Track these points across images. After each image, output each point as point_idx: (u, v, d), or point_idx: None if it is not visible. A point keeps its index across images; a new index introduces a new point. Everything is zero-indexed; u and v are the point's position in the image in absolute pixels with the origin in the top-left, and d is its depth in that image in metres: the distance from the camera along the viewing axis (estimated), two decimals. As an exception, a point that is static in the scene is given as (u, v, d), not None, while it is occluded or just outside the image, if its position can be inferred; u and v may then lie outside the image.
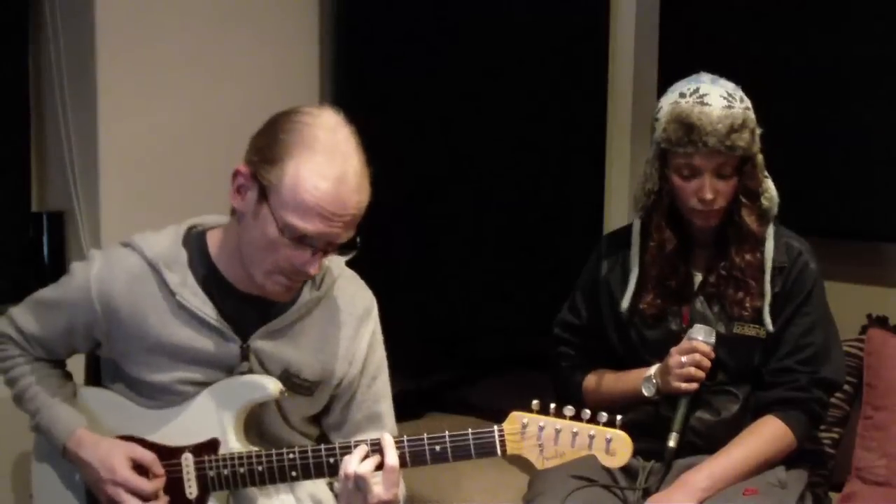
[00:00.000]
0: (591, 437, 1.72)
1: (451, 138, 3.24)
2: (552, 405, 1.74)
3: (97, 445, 1.90)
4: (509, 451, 1.76)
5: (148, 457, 1.89)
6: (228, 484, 1.86)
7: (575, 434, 1.72)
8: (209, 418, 1.88)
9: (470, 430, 1.77)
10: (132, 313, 1.89)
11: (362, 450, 1.79)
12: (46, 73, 2.73)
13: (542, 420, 1.73)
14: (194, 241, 1.92)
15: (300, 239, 1.74)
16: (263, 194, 1.75)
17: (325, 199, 1.71)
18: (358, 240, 1.81)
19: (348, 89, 3.17)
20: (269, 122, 1.81)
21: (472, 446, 1.78)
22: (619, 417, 1.73)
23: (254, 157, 1.78)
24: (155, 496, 1.87)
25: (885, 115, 2.77)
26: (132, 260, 1.91)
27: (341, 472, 1.79)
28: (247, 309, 1.90)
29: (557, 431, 1.73)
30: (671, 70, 3.05)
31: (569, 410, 1.72)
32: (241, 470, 1.85)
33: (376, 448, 1.80)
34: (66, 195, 2.72)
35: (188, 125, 2.83)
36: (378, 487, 1.77)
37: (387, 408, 2.04)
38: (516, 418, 1.75)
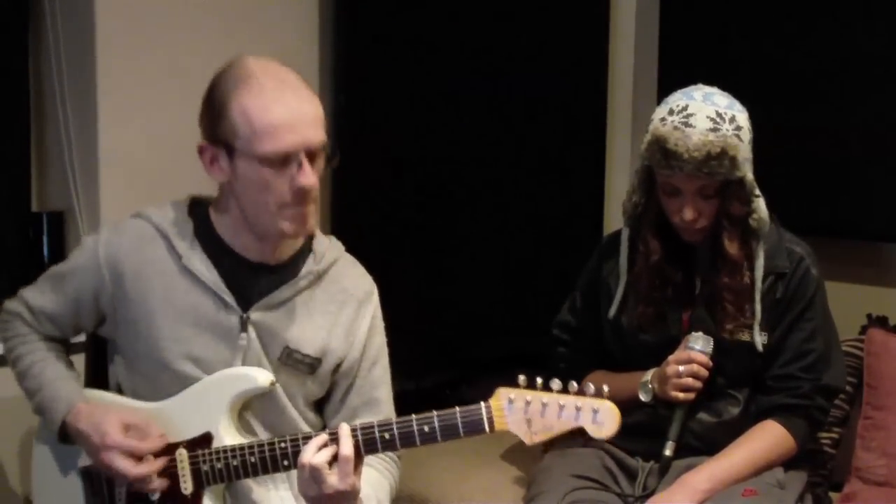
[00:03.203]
0: (578, 409, 1.70)
1: (452, 138, 3.24)
2: (539, 380, 1.73)
3: (92, 414, 1.90)
4: (497, 426, 1.75)
5: (140, 418, 1.89)
6: (223, 477, 1.87)
7: (562, 407, 1.71)
8: (202, 413, 1.89)
9: (457, 408, 1.76)
10: (137, 276, 1.91)
11: (319, 440, 1.79)
12: (46, 73, 2.73)
13: (529, 395, 1.72)
14: (198, 211, 1.96)
15: (283, 161, 1.78)
16: (230, 149, 1.80)
17: (280, 110, 1.77)
18: (336, 146, 1.87)
19: (348, 90, 3.17)
20: (205, 93, 1.88)
21: (459, 424, 1.77)
22: (605, 388, 1.72)
23: (206, 126, 1.86)
24: (151, 456, 1.87)
25: (884, 116, 2.77)
26: (141, 226, 1.95)
27: (298, 461, 1.79)
28: (250, 279, 1.91)
29: (544, 405, 1.71)
30: (671, 70, 3.06)
31: (556, 384, 1.71)
32: (235, 462, 1.85)
33: (335, 438, 1.79)
34: (66, 195, 2.72)
35: (188, 125, 2.81)
36: (333, 478, 1.76)
37: (385, 395, 2.04)
38: (503, 394, 1.74)
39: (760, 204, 2.19)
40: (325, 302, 1.96)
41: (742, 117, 2.14)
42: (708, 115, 2.10)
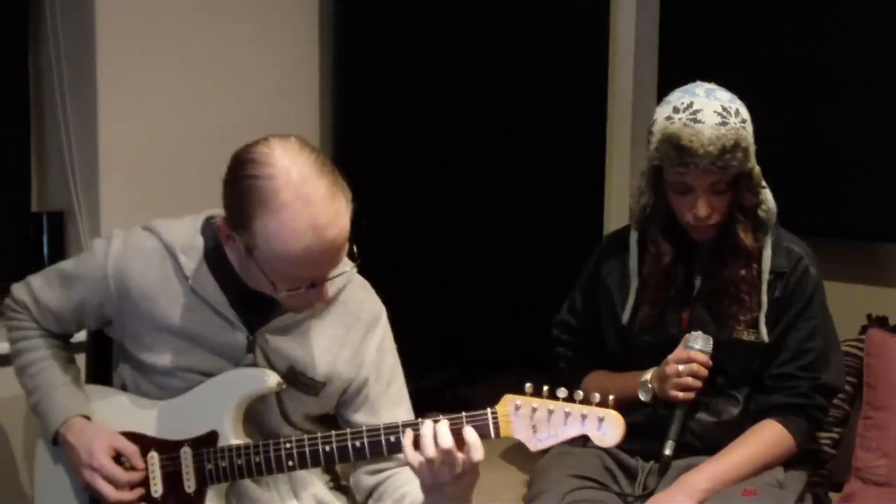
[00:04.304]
0: (584, 417, 1.71)
1: (452, 139, 3.24)
2: (545, 387, 1.73)
3: (83, 431, 1.92)
4: (503, 433, 1.75)
5: (129, 448, 1.90)
6: (227, 476, 1.87)
7: (567, 414, 1.71)
8: (208, 411, 1.89)
9: (464, 414, 1.76)
10: (144, 294, 1.90)
11: (430, 426, 1.74)
12: (46, 73, 2.74)
13: (535, 402, 1.73)
14: (211, 232, 1.93)
15: (296, 283, 1.76)
16: (249, 251, 1.75)
17: (304, 252, 1.69)
18: (355, 250, 1.80)
19: (348, 91, 3.17)
20: (232, 168, 1.75)
21: None
22: (611, 397, 1.72)
23: (227, 213, 1.77)
24: (128, 486, 1.89)
25: (884, 116, 2.77)
26: (150, 243, 1.93)
27: (425, 452, 1.71)
28: (257, 302, 1.90)
29: (550, 412, 1.72)
30: (671, 71, 3.06)
31: (561, 392, 1.72)
32: (239, 461, 1.86)
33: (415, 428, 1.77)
34: (66, 195, 2.72)
35: (188, 125, 2.84)
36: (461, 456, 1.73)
37: (404, 413, 2.01)
38: (509, 401, 1.75)
39: (767, 195, 2.20)
40: (333, 325, 1.95)
41: (744, 110, 2.16)
42: (714, 109, 2.11)
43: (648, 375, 2.24)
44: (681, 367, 2.16)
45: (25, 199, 2.76)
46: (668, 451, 2.17)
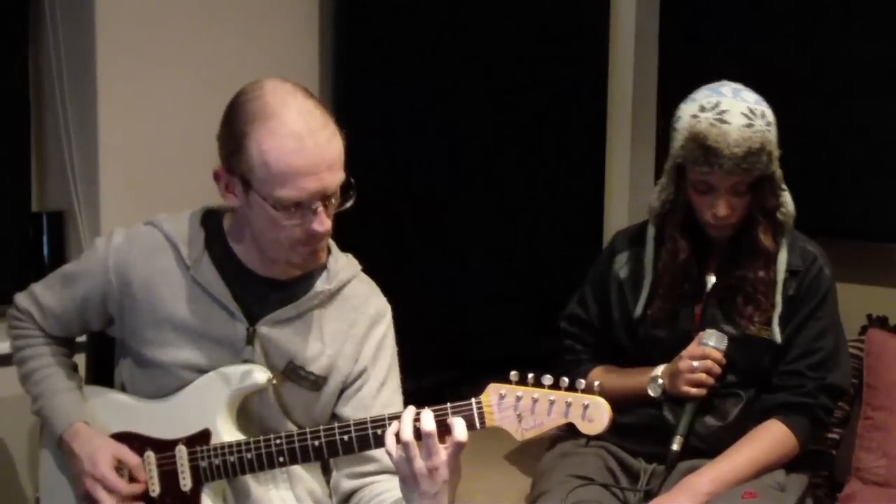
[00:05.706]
0: (568, 405, 1.69)
1: (451, 139, 3.24)
2: (530, 375, 1.71)
3: (89, 440, 1.92)
4: (487, 423, 1.73)
5: (133, 461, 1.91)
6: (220, 473, 1.87)
7: (552, 402, 1.69)
8: (200, 409, 1.89)
9: (448, 405, 1.75)
10: (146, 286, 1.91)
11: (411, 412, 1.74)
12: (46, 73, 2.73)
13: (520, 390, 1.71)
14: (212, 223, 1.95)
15: (297, 206, 1.75)
16: (246, 183, 1.77)
17: (297, 158, 1.72)
18: (352, 181, 1.81)
19: (348, 89, 3.17)
20: (224, 114, 1.82)
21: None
22: (596, 384, 1.70)
23: (222, 153, 1.81)
24: (130, 499, 1.89)
25: (885, 116, 2.78)
26: (152, 235, 1.95)
27: (402, 435, 1.71)
28: (259, 293, 1.91)
29: (534, 401, 1.70)
30: (671, 72, 3.06)
31: (547, 379, 1.69)
32: (232, 459, 1.86)
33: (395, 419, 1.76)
34: (66, 195, 2.72)
35: (188, 125, 2.83)
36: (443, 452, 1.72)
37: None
38: (494, 390, 1.73)
39: (787, 197, 2.21)
40: (336, 321, 1.95)
41: (769, 112, 2.17)
42: (741, 110, 2.11)
43: (659, 371, 2.24)
44: (695, 363, 2.16)
45: (25, 199, 2.75)
46: (675, 447, 2.17)
